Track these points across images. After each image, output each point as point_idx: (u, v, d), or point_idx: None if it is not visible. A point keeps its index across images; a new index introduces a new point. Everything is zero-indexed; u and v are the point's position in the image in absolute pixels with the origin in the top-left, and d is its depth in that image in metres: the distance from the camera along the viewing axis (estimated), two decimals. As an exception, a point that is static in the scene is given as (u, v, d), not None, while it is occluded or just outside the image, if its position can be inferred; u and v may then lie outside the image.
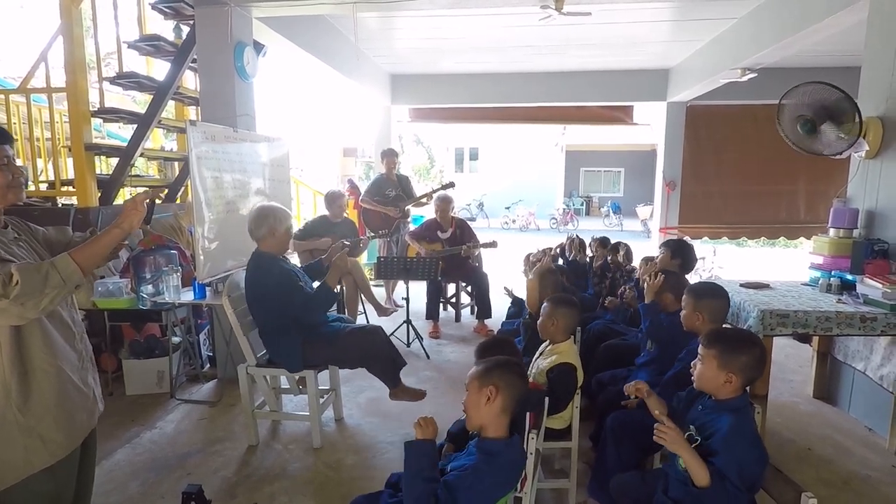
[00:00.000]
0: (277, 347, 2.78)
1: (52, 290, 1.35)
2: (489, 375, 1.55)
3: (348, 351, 2.78)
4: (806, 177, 6.96)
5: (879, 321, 2.58)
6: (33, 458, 1.44)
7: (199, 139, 3.12)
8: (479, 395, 1.53)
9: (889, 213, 2.96)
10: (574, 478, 2.31)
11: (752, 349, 1.65)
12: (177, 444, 2.89)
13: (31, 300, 1.32)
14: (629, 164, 20.82)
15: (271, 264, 2.69)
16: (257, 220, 2.70)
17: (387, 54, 6.26)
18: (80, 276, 1.41)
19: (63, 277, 1.37)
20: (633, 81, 6.97)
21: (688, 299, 2.20)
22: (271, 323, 2.74)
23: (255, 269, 2.72)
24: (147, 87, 4.23)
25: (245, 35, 3.62)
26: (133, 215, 1.51)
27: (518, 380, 1.57)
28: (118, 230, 1.50)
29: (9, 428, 1.40)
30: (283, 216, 2.74)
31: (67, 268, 1.39)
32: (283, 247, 2.78)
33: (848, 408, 3.23)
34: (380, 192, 5.40)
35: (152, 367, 3.56)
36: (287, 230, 2.75)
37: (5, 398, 1.40)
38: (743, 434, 1.58)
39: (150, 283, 3.56)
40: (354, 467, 2.67)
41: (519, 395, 1.56)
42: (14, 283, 1.30)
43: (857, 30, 3.65)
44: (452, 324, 5.27)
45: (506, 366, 1.58)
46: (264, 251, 2.72)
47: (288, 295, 2.65)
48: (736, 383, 1.64)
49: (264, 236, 2.69)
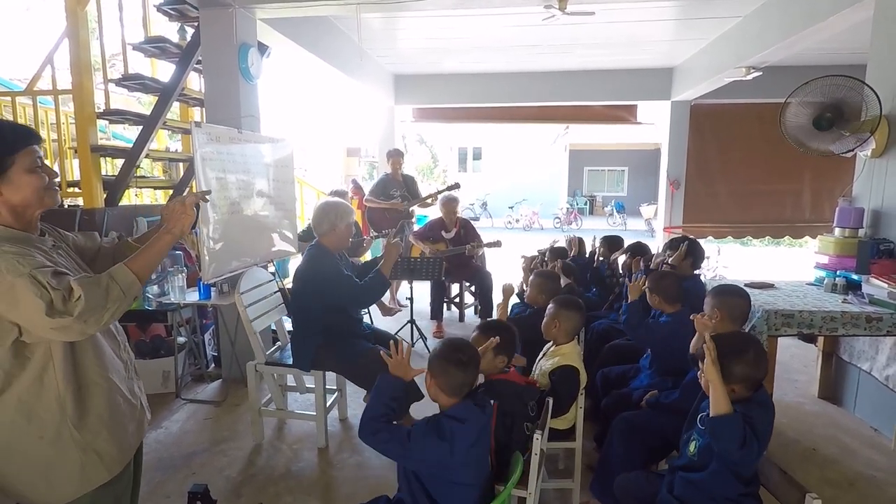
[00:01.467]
0: (296, 340, 2.83)
1: (113, 305, 1.28)
2: (430, 364, 1.62)
3: (362, 374, 2.73)
4: (811, 176, 6.93)
5: (885, 321, 2.58)
6: (91, 475, 1.38)
7: (203, 140, 3.13)
8: (428, 384, 1.64)
9: (895, 213, 2.94)
10: (578, 478, 2.32)
11: (745, 355, 1.63)
12: (182, 444, 2.91)
13: (93, 316, 1.24)
14: (633, 164, 20.77)
15: (324, 255, 2.74)
16: (319, 216, 2.77)
17: (390, 54, 6.27)
18: (139, 287, 1.35)
19: (123, 289, 1.30)
20: (637, 80, 6.95)
21: (709, 299, 2.20)
22: (303, 315, 2.79)
23: (307, 260, 2.78)
24: (152, 89, 4.24)
25: (249, 36, 3.63)
26: (184, 219, 1.45)
27: (457, 370, 1.58)
28: (170, 235, 1.43)
29: (65, 445, 1.34)
30: (345, 212, 2.79)
31: (126, 279, 1.32)
32: (343, 242, 2.83)
33: (853, 408, 3.22)
34: (385, 192, 5.41)
35: (158, 368, 3.59)
36: (348, 226, 2.80)
37: (61, 414, 1.33)
38: (763, 422, 1.58)
39: (156, 284, 3.59)
40: (359, 467, 2.68)
41: (458, 382, 1.59)
42: (76, 298, 1.22)
43: (863, 28, 3.63)
44: (456, 323, 5.28)
45: (445, 358, 1.60)
46: (323, 245, 2.78)
47: (334, 285, 2.67)
48: (740, 391, 1.63)
49: (326, 231, 2.77)
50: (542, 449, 1.78)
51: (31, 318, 1.22)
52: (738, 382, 1.62)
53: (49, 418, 1.32)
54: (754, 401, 1.63)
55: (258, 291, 3.06)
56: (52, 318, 1.19)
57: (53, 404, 1.32)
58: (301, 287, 2.78)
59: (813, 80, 2.98)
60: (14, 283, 1.20)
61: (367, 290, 2.75)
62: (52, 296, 1.20)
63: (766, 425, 1.61)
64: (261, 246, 3.82)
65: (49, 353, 1.31)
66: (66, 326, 1.22)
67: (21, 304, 1.20)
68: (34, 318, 1.21)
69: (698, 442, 1.69)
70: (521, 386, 1.93)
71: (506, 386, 1.89)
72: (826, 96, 3.00)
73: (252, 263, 3.64)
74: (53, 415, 1.32)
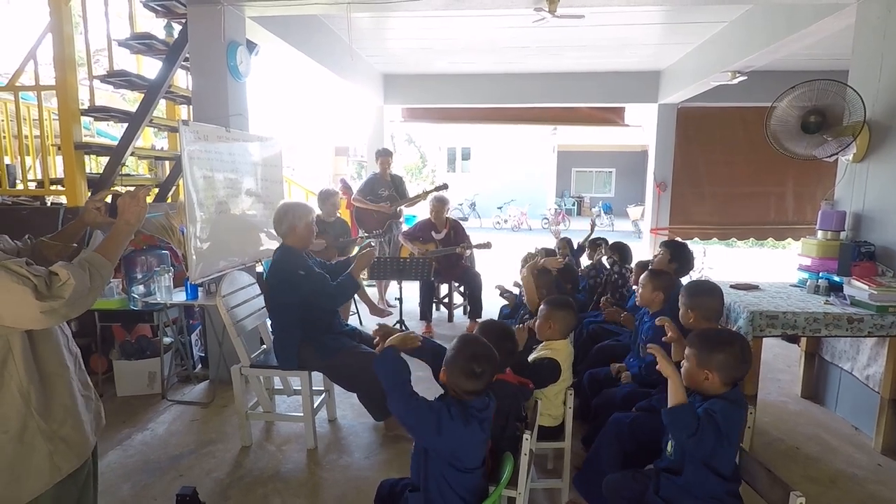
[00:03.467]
0: (277, 341, 2.82)
1: (96, 288, 1.32)
2: (446, 361, 1.64)
3: (341, 371, 2.77)
4: (794, 179, 7.05)
5: (866, 322, 2.63)
6: (61, 463, 1.39)
7: (191, 138, 3.10)
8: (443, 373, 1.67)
9: (875, 216, 3.01)
10: (567, 477, 2.34)
11: (729, 347, 1.69)
12: (169, 446, 2.87)
13: (80, 299, 1.28)
14: (620, 165, 20.95)
15: (291, 255, 2.75)
16: (278, 218, 2.79)
17: (380, 54, 6.25)
18: (111, 272, 1.40)
19: (103, 274, 1.34)
20: (625, 83, 7.02)
21: (683, 297, 2.23)
22: (282, 316, 2.79)
23: (276, 261, 2.78)
24: (138, 86, 4.19)
25: (238, 34, 3.60)
26: (136, 210, 1.48)
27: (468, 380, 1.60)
28: (126, 225, 1.47)
29: (31, 435, 1.35)
30: (302, 212, 2.80)
31: (103, 263, 1.36)
32: (305, 241, 2.83)
33: (835, 407, 3.28)
34: (373, 192, 5.40)
35: (143, 368, 3.54)
36: (307, 225, 2.80)
37: (25, 406, 1.33)
38: (727, 417, 1.61)
39: (142, 284, 3.54)
40: (348, 468, 2.67)
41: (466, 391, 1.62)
42: (62, 282, 1.25)
43: (845, 34, 3.71)
44: (445, 324, 5.28)
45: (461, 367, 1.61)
46: (288, 245, 2.79)
47: (307, 280, 2.69)
48: (714, 380, 1.68)
49: (286, 232, 2.78)
50: (531, 449, 1.80)
51: (19, 305, 1.22)
52: (715, 370, 1.66)
53: (13, 412, 1.32)
54: (726, 397, 1.67)
55: (244, 293, 3.04)
56: (42, 302, 1.21)
57: (17, 397, 1.32)
58: (275, 286, 2.79)
59: (801, 83, 3.03)
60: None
61: (339, 289, 2.76)
62: (34, 282, 1.22)
63: (734, 423, 1.64)
64: (249, 245, 3.80)
65: (7, 346, 1.31)
66: (54, 310, 1.24)
67: (5, 292, 1.21)
68: (22, 304, 1.21)
69: (673, 441, 1.73)
70: (515, 386, 1.95)
71: (501, 386, 1.90)
72: (813, 100, 3.05)
73: (240, 263, 3.62)
74: (18, 408, 1.33)
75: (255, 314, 3.06)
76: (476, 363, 1.59)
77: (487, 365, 1.62)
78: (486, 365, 1.62)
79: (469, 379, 1.59)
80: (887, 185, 2.92)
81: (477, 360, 1.60)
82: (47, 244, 1.58)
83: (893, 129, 2.89)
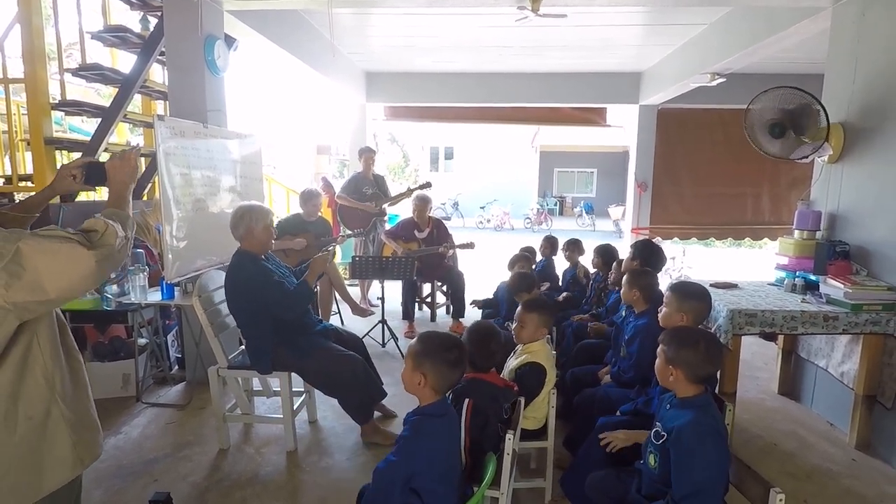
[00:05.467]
0: (250, 346, 2.75)
1: (129, 238, 1.34)
2: (420, 362, 1.55)
3: (317, 372, 2.71)
4: (770, 180, 7.19)
5: (841, 320, 2.68)
6: (84, 455, 1.32)
7: (166, 134, 3.02)
8: (411, 375, 1.57)
9: (850, 216, 3.07)
10: (550, 477, 2.33)
11: (694, 345, 1.68)
12: (143, 450, 2.79)
13: (123, 247, 1.30)
14: (601, 165, 21.15)
15: (248, 261, 2.66)
16: (234, 221, 2.67)
17: (362, 51, 6.20)
18: (133, 224, 1.42)
19: (129, 225, 1.37)
20: (606, 84, 7.07)
21: (672, 299, 2.21)
22: (246, 320, 2.71)
23: (231, 267, 2.69)
24: (112, 80, 4.07)
25: (216, 28, 3.52)
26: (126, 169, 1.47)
27: (449, 369, 1.56)
28: (122, 185, 1.46)
29: (55, 423, 1.27)
30: (260, 214, 2.69)
31: (124, 216, 1.37)
32: (263, 245, 2.71)
33: (811, 403, 3.35)
34: (357, 190, 5.35)
35: (117, 370, 3.44)
36: (266, 228, 2.69)
37: (50, 391, 1.26)
38: (698, 434, 1.60)
39: (116, 283, 3.44)
40: (329, 470, 2.63)
41: (449, 383, 1.58)
42: (103, 232, 1.25)
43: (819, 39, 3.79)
44: (428, 324, 5.25)
45: (438, 354, 1.56)
46: (245, 249, 2.69)
47: (261, 291, 2.61)
48: (678, 377, 1.67)
49: (243, 236, 2.67)
50: (514, 449, 1.78)
51: (73, 262, 1.19)
52: (678, 367, 1.67)
53: (38, 398, 1.25)
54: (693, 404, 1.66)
55: (221, 293, 2.96)
56: (94, 251, 1.21)
57: (41, 382, 1.26)
58: (231, 295, 2.70)
59: (769, 89, 3.08)
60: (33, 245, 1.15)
61: (293, 298, 2.66)
62: (76, 238, 1.21)
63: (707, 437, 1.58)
64: (227, 244, 3.70)
65: (33, 330, 1.25)
66: (107, 257, 1.24)
67: (52, 257, 1.17)
68: (75, 259, 1.19)
69: (656, 456, 1.70)
70: (499, 388, 1.93)
71: (484, 386, 1.88)
72: (784, 104, 3.10)
73: (218, 262, 3.54)
74: (42, 393, 1.26)
75: (232, 314, 2.99)
76: (451, 352, 1.57)
77: (462, 349, 1.62)
78: (461, 349, 1.62)
79: (451, 367, 1.56)
80: (862, 185, 2.98)
81: (451, 349, 1.58)
82: (7, 215, 1.52)
83: (867, 130, 2.95)
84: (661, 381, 1.74)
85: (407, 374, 1.58)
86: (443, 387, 1.57)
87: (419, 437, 1.51)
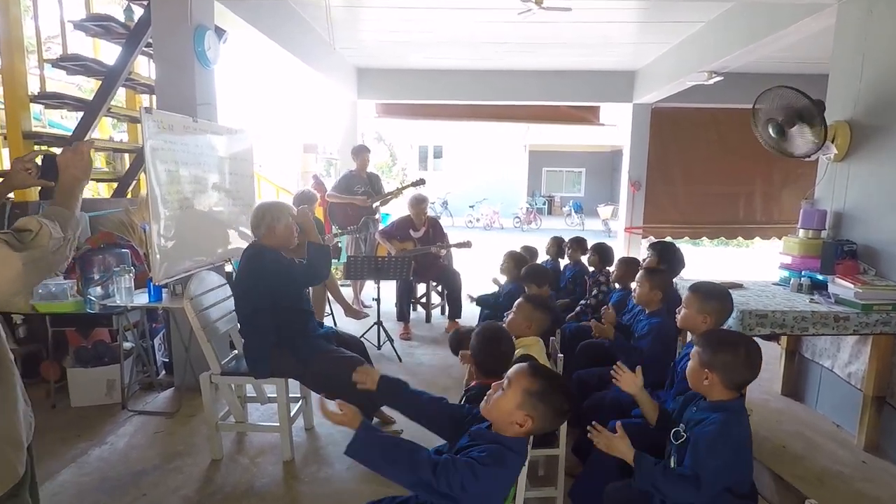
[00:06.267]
0: (249, 347, 2.64)
1: (69, 239, 1.26)
2: (533, 404, 1.33)
3: (318, 378, 2.60)
4: (762, 179, 7.20)
5: (852, 321, 2.64)
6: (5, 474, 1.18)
7: (154, 129, 2.87)
8: (512, 409, 1.34)
9: (857, 214, 3.04)
10: (561, 485, 2.25)
11: (735, 349, 1.62)
12: (130, 461, 2.64)
13: (59, 249, 1.22)
14: (590, 165, 21.25)
15: (267, 253, 2.59)
16: (256, 219, 2.63)
17: (354, 46, 6.06)
18: (79, 224, 1.35)
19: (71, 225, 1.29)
20: (601, 82, 7.03)
21: (694, 299, 2.14)
22: (251, 320, 2.61)
23: (250, 258, 2.60)
24: (95, 72, 3.89)
25: (206, 18, 3.37)
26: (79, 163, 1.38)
27: (557, 419, 1.40)
28: (74, 180, 1.37)
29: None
30: (280, 212, 2.65)
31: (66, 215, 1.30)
32: (284, 241, 2.67)
33: (815, 404, 3.31)
34: (349, 189, 5.22)
35: (101, 376, 3.27)
36: (287, 226, 2.65)
37: None
38: (728, 434, 1.54)
39: (99, 285, 3.28)
40: (328, 481, 2.51)
41: (551, 427, 1.43)
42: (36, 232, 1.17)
43: (819, 38, 3.77)
44: (423, 325, 5.15)
45: (556, 401, 1.36)
46: (264, 244, 2.63)
47: (285, 275, 2.58)
48: (714, 382, 1.61)
49: (264, 233, 2.63)
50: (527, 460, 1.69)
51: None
52: (716, 371, 1.60)
53: None
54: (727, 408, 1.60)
55: (213, 295, 2.83)
56: (21, 253, 1.13)
57: None
58: (246, 288, 2.62)
59: (770, 88, 3.03)
60: None
61: (312, 266, 2.65)
62: (3, 237, 1.14)
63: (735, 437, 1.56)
64: (217, 244, 3.58)
65: None
66: (37, 259, 1.16)
67: None
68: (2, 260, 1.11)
69: (675, 459, 1.65)
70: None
71: None
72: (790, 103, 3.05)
73: (208, 263, 3.40)
74: None
75: (225, 317, 2.84)
76: (567, 400, 1.39)
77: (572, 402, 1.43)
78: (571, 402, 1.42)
79: (560, 414, 1.39)
80: (869, 184, 2.95)
81: (567, 398, 1.40)
82: None
83: (874, 128, 2.91)
84: (692, 384, 1.66)
85: (506, 404, 1.35)
86: (541, 429, 1.40)
87: (501, 467, 1.33)
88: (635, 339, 2.67)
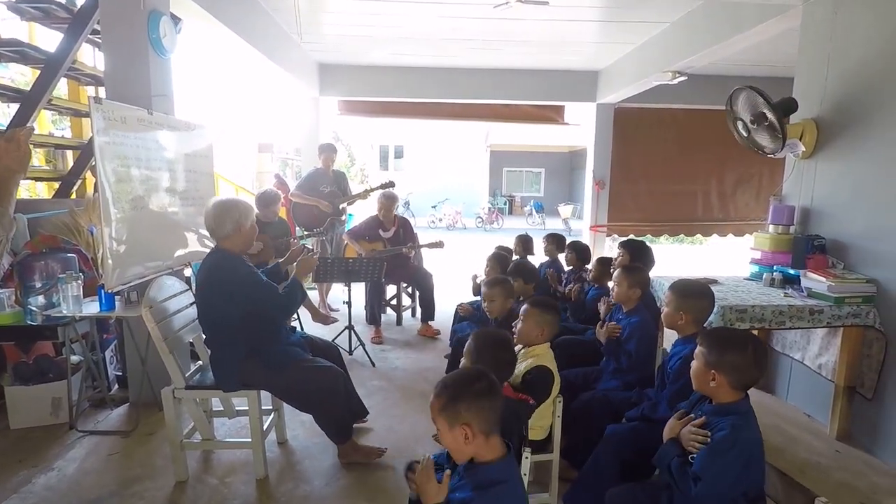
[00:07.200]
0: (216, 358, 2.43)
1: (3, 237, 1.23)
2: (456, 413, 1.31)
3: (291, 389, 2.45)
4: (717, 179, 7.44)
5: (825, 313, 2.70)
6: None
7: (104, 122, 2.62)
8: (452, 434, 1.32)
9: (824, 210, 3.12)
10: (555, 491, 2.18)
11: (742, 348, 1.59)
12: (82, 489, 2.39)
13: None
14: (549, 165, 21.56)
15: (236, 263, 2.37)
16: (220, 216, 2.36)
17: (316, 41, 5.83)
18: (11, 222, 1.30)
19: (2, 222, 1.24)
20: (564, 82, 7.07)
21: (671, 297, 2.12)
22: (217, 330, 2.40)
23: (215, 269, 2.35)
24: (33, 60, 3.55)
25: (161, 3, 3.12)
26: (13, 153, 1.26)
27: (488, 401, 1.34)
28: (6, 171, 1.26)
29: None
30: (248, 210, 2.44)
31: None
32: (248, 244, 2.49)
33: (786, 396, 3.39)
34: (314, 188, 5.01)
35: (45, 394, 2.97)
36: (253, 226, 2.46)
37: None
38: (738, 439, 1.51)
39: (42, 294, 2.98)
40: (306, 498, 2.35)
41: (495, 415, 1.35)
42: None
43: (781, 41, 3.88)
44: (394, 327, 5.01)
45: (469, 394, 1.32)
46: (227, 248, 2.39)
47: (256, 294, 2.35)
48: (721, 383, 1.58)
49: (230, 233, 2.38)
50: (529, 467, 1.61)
51: None
52: (723, 372, 1.57)
53: None
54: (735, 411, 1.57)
55: (175, 302, 2.60)
56: None
57: None
58: (209, 297, 2.39)
59: (738, 88, 3.08)
60: None
61: (289, 298, 2.45)
62: None
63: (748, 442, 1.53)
64: (175, 247, 3.33)
65: None
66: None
67: None
68: None
69: None
70: (515, 401, 1.74)
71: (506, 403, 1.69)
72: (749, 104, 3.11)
73: (166, 267, 3.15)
74: None
75: (188, 326, 2.62)
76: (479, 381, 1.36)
77: (488, 376, 1.40)
78: (488, 377, 1.40)
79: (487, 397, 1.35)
80: (836, 180, 3.03)
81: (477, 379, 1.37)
82: None
83: (840, 126, 3.00)
84: (697, 386, 1.61)
85: (447, 436, 1.32)
86: (491, 424, 1.33)
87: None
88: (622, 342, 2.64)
